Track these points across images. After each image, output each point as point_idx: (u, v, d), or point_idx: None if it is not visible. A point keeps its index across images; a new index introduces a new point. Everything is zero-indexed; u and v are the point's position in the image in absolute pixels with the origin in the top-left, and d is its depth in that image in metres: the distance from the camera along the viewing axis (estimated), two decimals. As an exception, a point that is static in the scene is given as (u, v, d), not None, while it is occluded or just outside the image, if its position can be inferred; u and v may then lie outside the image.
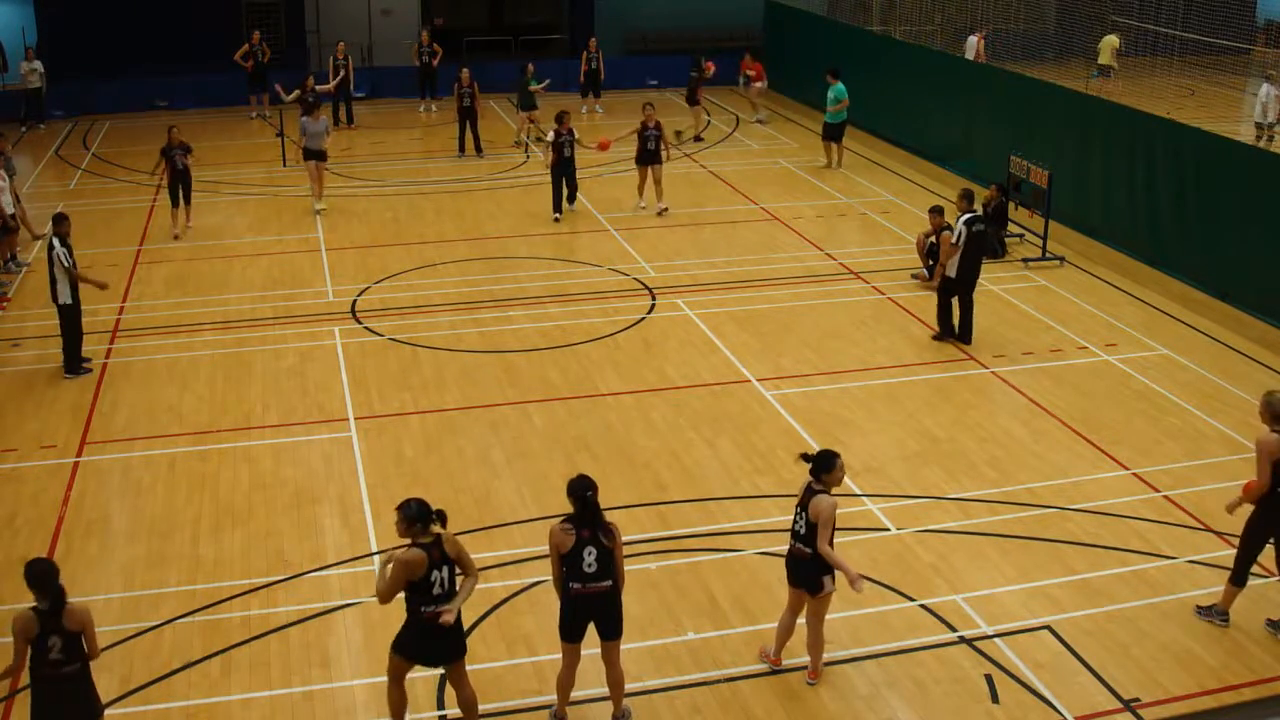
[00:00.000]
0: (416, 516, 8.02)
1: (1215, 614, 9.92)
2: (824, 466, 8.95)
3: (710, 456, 12.68)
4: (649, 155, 20.63)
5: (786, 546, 9.09)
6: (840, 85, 23.49)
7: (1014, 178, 19.27)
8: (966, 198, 15.61)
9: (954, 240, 15.30)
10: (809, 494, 8.93)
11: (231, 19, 31.19)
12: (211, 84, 28.57)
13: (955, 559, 10.82)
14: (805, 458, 9.08)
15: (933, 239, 17.23)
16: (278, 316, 16.58)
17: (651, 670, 9.36)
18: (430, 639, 8.11)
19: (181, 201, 19.97)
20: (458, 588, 8.14)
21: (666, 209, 20.95)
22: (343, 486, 12.12)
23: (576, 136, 20.51)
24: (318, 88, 24.29)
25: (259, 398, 14.11)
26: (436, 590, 7.98)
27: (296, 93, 24.27)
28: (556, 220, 20.55)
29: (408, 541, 8.07)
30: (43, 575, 7.62)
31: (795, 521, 9.02)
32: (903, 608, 10.02)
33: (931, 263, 17.26)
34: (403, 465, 12.56)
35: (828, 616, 9.08)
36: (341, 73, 27.14)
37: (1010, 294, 17.31)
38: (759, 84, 28.15)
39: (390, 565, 7.97)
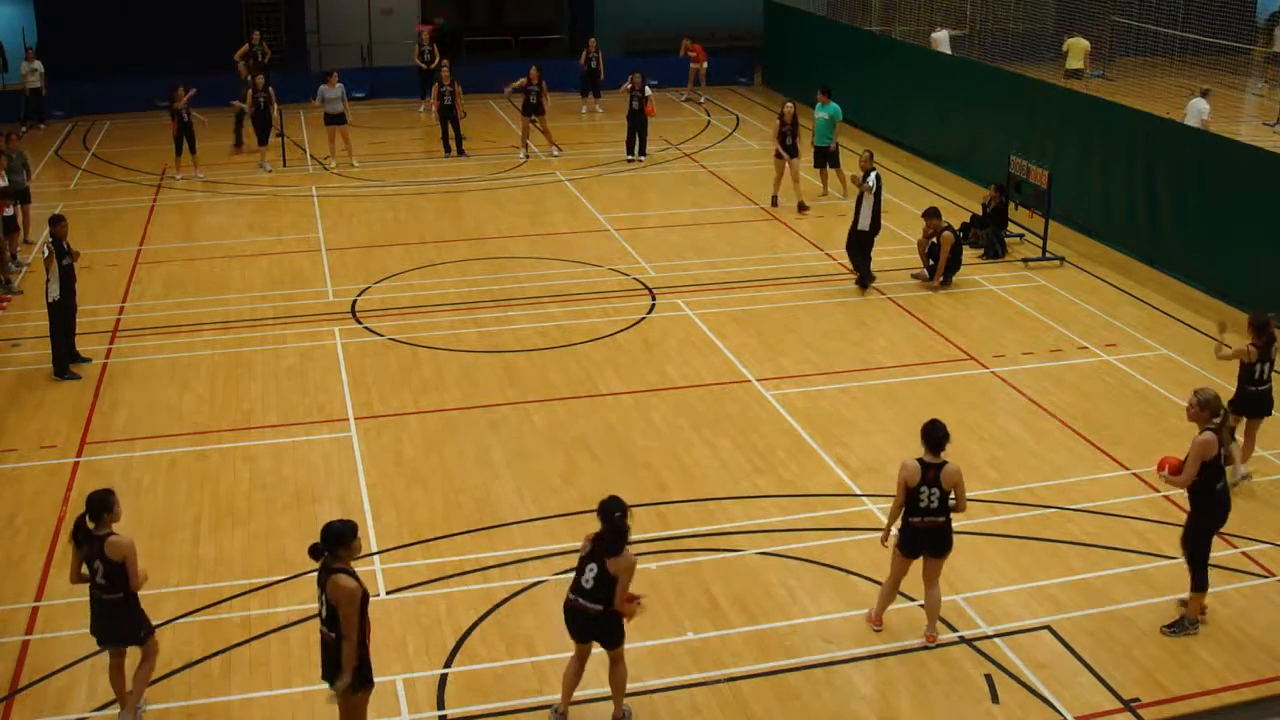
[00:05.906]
0: (333, 539, 7.82)
1: (1187, 624, 9.77)
2: (944, 436, 9.31)
3: (710, 456, 12.68)
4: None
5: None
6: (835, 105, 21.58)
7: (1014, 178, 19.26)
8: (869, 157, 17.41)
9: (873, 188, 16.85)
10: (935, 468, 9.21)
11: (231, 19, 31.20)
12: (211, 84, 28.55)
13: (955, 559, 10.73)
14: (933, 433, 9.29)
15: (934, 239, 17.36)
16: (278, 316, 16.57)
17: (651, 670, 9.35)
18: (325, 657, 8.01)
19: (186, 150, 22.86)
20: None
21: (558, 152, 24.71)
22: (343, 486, 12.12)
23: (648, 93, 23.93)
24: (237, 103, 24.65)
25: (259, 398, 14.11)
26: (322, 612, 7.89)
27: (243, 103, 24.49)
28: (629, 161, 24.33)
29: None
30: (90, 501, 8.54)
31: (925, 499, 9.23)
32: (903, 608, 10.00)
33: (933, 262, 17.37)
34: (403, 465, 12.55)
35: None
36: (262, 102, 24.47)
37: (1010, 294, 17.31)
38: (697, 65, 30.43)
39: None
